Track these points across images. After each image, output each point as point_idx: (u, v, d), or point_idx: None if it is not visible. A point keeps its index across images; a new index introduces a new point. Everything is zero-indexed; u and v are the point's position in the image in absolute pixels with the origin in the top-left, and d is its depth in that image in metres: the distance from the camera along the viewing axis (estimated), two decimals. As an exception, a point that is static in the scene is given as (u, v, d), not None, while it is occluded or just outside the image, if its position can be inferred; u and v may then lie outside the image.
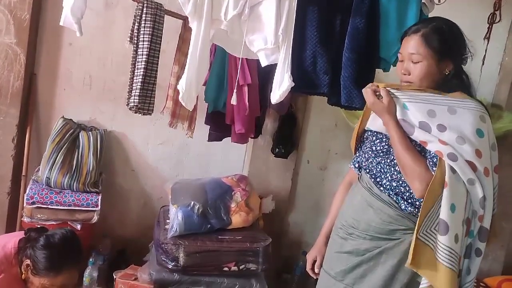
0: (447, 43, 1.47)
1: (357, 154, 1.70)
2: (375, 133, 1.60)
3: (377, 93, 1.47)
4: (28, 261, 1.80)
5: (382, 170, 1.54)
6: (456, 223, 1.37)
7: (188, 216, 2.35)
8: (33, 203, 2.47)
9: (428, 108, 1.44)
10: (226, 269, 2.35)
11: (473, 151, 1.38)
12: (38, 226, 2.41)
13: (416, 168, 1.41)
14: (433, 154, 1.41)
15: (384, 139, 1.56)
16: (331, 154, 3.11)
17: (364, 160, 1.62)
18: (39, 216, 2.47)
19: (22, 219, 2.51)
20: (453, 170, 1.37)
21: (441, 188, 1.37)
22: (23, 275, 1.83)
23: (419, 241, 1.38)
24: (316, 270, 1.75)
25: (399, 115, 1.45)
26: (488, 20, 2.66)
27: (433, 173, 1.39)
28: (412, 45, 1.49)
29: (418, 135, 1.42)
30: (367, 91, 1.49)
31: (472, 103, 1.47)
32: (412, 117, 1.44)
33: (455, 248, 1.37)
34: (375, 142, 1.58)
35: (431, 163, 1.42)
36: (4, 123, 2.61)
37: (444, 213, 1.36)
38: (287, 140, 2.88)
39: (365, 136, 1.67)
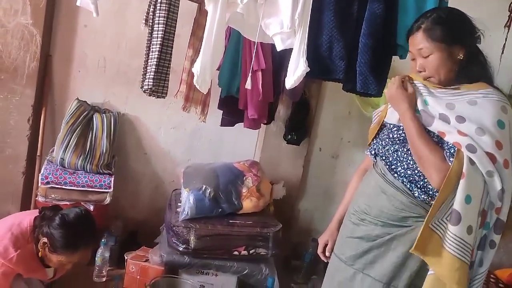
0: (450, 30, 1.46)
1: (374, 142, 1.69)
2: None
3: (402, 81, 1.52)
4: (45, 239, 1.84)
5: (399, 158, 1.53)
6: (471, 214, 1.36)
7: (199, 200, 2.37)
8: (47, 183, 2.51)
9: (447, 101, 1.44)
10: (236, 253, 2.37)
11: (493, 142, 1.36)
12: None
13: (433, 158, 1.40)
14: (450, 145, 1.40)
15: (401, 128, 1.55)
16: (344, 142, 3.10)
17: (380, 148, 1.62)
18: (53, 196, 2.51)
19: (37, 198, 2.55)
20: (471, 161, 1.35)
21: (458, 179, 1.36)
22: (40, 252, 1.87)
23: (428, 229, 1.38)
24: (327, 254, 1.76)
25: (420, 106, 1.46)
26: (509, 8, 2.60)
27: (450, 164, 1.38)
28: (418, 42, 1.49)
29: (437, 126, 1.42)
30: (396, 78, 1.52)
31: (494, 93, 1.44)
32: (432, 110, 1.45)
33: (467, 239, 1.36)
34: (393, 130, 1.58)
35: (448, 153, 1.41)
36: (19, 103, 2.63)
37: (458, 203, 1.35)
38: (300, 127, 2.87)
39: (383, 124, 1.67)
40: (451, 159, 1.38)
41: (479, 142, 1.35)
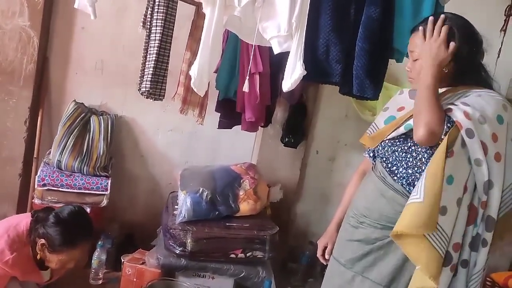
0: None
1: None
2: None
3: None
4: (42, 240, 1.84)
5: (398, 158, 1.54)
6: (448, 195, 1.35)
7: (196, 203, 2.37)
8: (44, 185, 2.50)
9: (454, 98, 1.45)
10: (233, 256, 2.37)
11: (490, 133, 1.37)
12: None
13: (431, 115, 1.36)
14: (449, 115, 1.38)
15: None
16: (341, 145, 3.11)
17: (380, 149, 1.61)
18: (49, 198, 2.51)
19: (33, 200, 2.54)
20: (463, 144, 1.36)
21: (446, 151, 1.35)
22: (38, 255, 1.86)
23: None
24: (327, 257, 1.76)
25: None
26: (505, 12, 2.62)
27: (445, 127, 1.37)
28: (412, 43, 1.50)
29: (443, 105, 1.41)
30: (443, 31, 1.43)
31: (496, 93, 1.46)
32: None
33: (439, 220, 1.34)
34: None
35: (445, 121, 1.39)
36: (16, 105, 2.63)
37: None
38: (297, 130, 2.88)
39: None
40: (448, 124, 1.38)
41: (478, 129, 1.36)
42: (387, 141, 1.59)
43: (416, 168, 1.49)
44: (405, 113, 1.56)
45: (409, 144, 1.51)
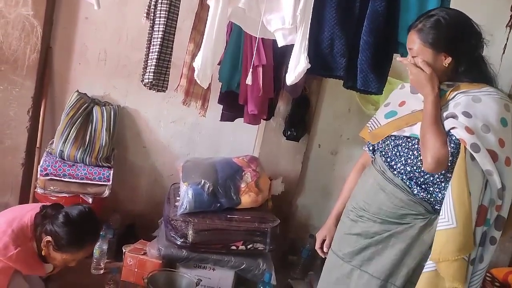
0: (443, 38, 1.45)
1: None
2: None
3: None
4: (49, 238, 1.82)
5: (398, 154, 1.54)
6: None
7: (198, 194, 2.38)
8: (46, 174, 2.51)
9: (453, 104, 1.45)
10: (233, 247, 2.38)
11: (497, 140, 1.37)
12: (52, 198, 2.46)
13: (434, 142, 1.40)
14: (452, 133, 1.40)
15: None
16: (343, 139, 3.10)
17: (380, 142, 1.61)
18: (52, 188, 2.52)
19: (36, 190, 2.56)
20: (472, 157, 1.37)
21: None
22: (43, 251, 1.85)
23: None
24: (325, 250, 1.77)
25: None
26: (511, 8, 2.59)
27: (449, 148, 1.39)
28: (411, 41, 1.51)
29: (446, 125, 1.42)
30: (417, 61, 1.48)
31: (496, 92, 1.46)
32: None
33: None
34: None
35: (449, 139, 1.41)
36: (19, 95, 2.63)
37: None
38: (299, 123, 2.87)
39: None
40: (452, 145, 1.40)
41: (483, 140, 1.36)
42: (388, 136, 1.58)
43: (415, 167, 1.49)
44: (408, 114, 1.55)
45: (413, 142, 1.51)
